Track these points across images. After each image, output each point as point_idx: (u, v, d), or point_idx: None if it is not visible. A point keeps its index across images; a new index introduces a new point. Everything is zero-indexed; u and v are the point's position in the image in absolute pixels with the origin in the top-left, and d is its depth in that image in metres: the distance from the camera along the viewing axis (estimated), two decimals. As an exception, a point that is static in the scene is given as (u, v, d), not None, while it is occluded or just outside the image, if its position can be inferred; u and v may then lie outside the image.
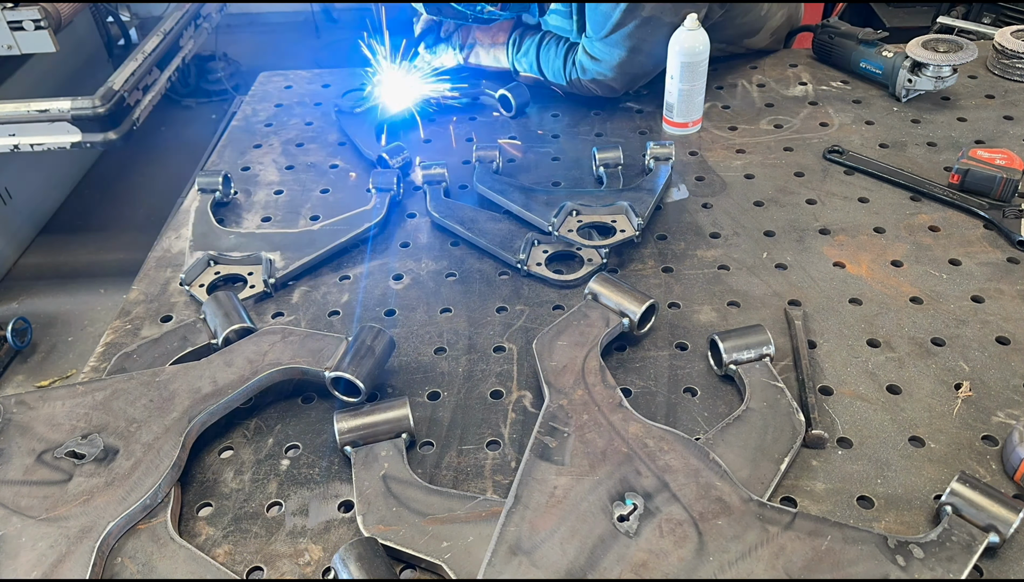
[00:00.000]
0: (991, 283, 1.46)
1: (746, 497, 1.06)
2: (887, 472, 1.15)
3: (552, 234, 1.57)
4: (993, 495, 1.02)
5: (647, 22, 1.83)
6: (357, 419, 1.18)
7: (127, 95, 3.20)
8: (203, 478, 1.21)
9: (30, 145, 3.15)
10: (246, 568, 1.08)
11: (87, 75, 4.26)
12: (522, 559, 1.00)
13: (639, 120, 2.01)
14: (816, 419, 1.20)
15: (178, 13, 3.78)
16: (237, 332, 1.33)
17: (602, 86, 1.97)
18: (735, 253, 1.57)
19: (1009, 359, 1.31)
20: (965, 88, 2.02)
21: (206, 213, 1.70)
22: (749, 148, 1.87)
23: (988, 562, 1.02)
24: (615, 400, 1.20)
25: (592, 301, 1.36)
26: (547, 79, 2.06)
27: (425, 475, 1.18)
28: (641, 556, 1.00)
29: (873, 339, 1.36)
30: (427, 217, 1.70)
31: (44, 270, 3.97)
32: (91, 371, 1.38)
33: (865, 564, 0.98)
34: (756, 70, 2.17)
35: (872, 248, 1.56)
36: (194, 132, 4.98)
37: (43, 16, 3.05)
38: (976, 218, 1.61)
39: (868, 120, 1.94)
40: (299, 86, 2.27)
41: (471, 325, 1.45)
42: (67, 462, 1.14)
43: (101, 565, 1.04)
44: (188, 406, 1.21)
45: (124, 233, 4.18)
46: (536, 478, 1.09)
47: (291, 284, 1.56)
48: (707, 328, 1.40)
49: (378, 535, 1.06)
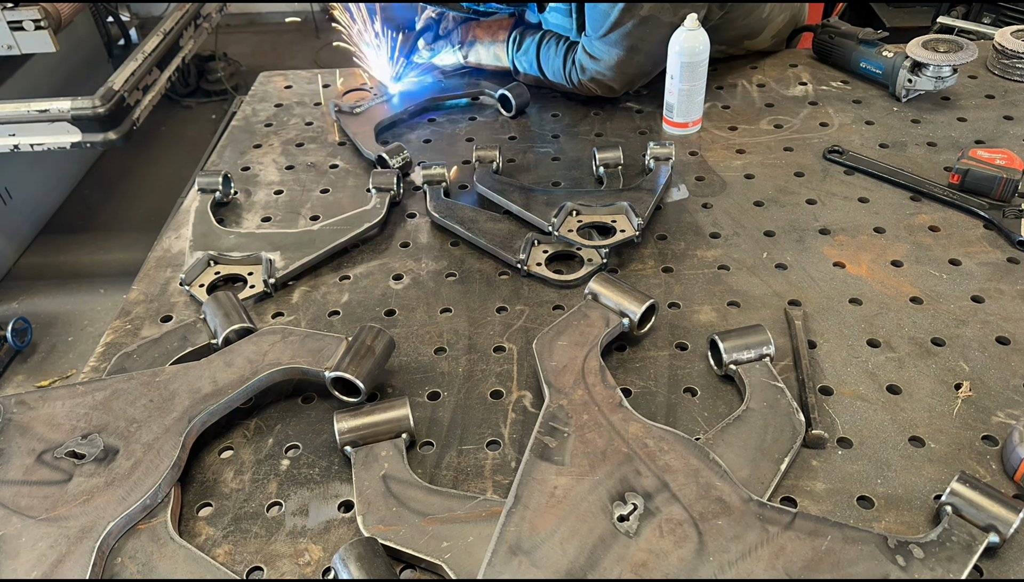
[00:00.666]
0: (991, 283, 1.46)
1: (746, 497, 1.06)
2: (887, 472, 1.15)
3: (552, 234, 1.57)
4: (993, 495, 1.02)
5: (645, 21, 1.83)
6: (357, 419, 1.18)
7: (127, 95, 3.21)
8: (203, 478, 1.21)
9: (30, 145, 3.16)
10: (246, 568, 1.08)
11: (87, 75, 4.26)
12: (522, 559, 1.00)
13: (639, 120, 2.01)
14: (816, 419, 1.20)
15: (178, 13, 3.78)
16: (237, 332, 1.33)
17: (601, 86, 1.97)
18: (735, 253, 1.57)
19: (1009, 359, 1.31)
20: (965, 88, 2.02)
21: (206, 213, 1.70)
22: (749, 148, 1.87)
23: (988, 562, 1.02)
24: (615, 400, 1.20)
25: (592, 301, 1.36)
26: (547, 78, 2.05)
27: (425, 475, 1.18)
28: (641, 556, 1.00)
29: (873, 339, 1.36)
30: (427, 217, 1.71)
31: (44, 270, 3.97)
32: (91, 371, 1.38)
33: (865, 564, 0.98)
34: (756, 70, 2.17)
35: (872, 248, 1.56)
36: (194, 132, 4.98)
37: (43, 16, 3.05)
38: (976, 218, 1.61)
39: (868, 120, 1.94)
40: (299, 86, 2.27)
41: (471, 325, 1.45)
42: (67, 462, 1.14)
43: (101, 565, 1.04)
44: (188, 406, 1.21)
45: (124, 233, 4.18)
46: (536, 478, 1.09)
47: (291, 284, 1.57)
48: (707, 328, 1.40)
49: (378, 535, 1.06)
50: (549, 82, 2.07)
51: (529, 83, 2.10)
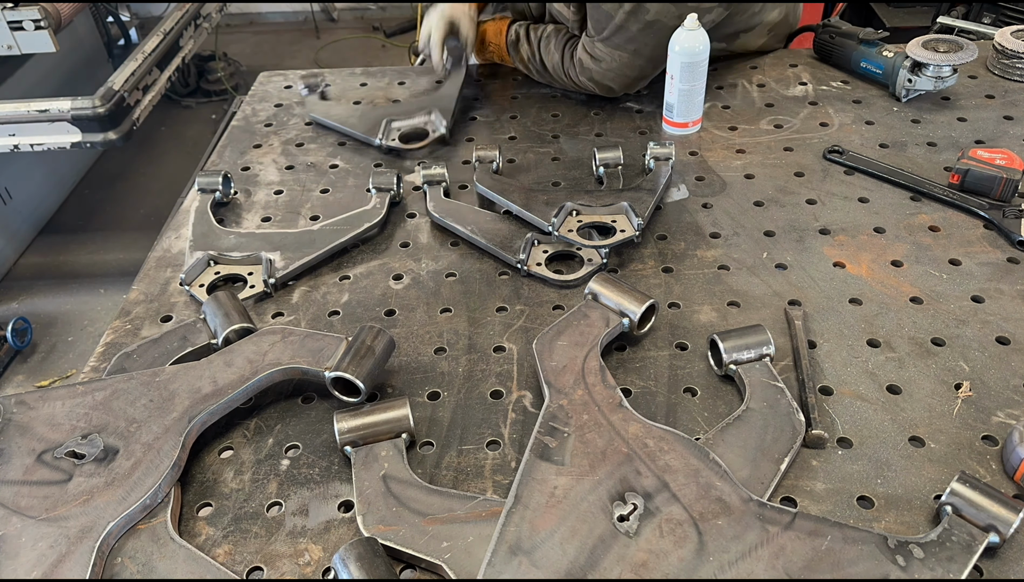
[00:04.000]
0: (991, 283, 1.46)
1: (746, 497, 1.06)
2: (887, 472, 1.15)
3: (552, 234, 1.57)
4: (993, 495, 1.02)
5: (651, 26, 1.81)
6: (357, 419, 1.19)
7: (127, 95, 3.21)
8: (203, 478, 1.21)
9: (30, 145, 3.16)
10: (246, 568, 1.08)
11: (87, 75, 4.27)
12: (522, 559, 1.00)
13: (639, 120, 2.01)
14: (816, 419, 1.20)
15: (178, 13, 3.78)
16: (237, 332, 1.33)
17: (600, 86, 1.97)
18: (735, 253, 1.57)
19: (1009, 359, 1.31)
20: (965, 88, 2.02)
21: (206, 213, 1.70)
22: (749, 148, 1.87)
23: (988, 562, 1.02)
24: (615, 400, 1.20)
25: (592, 301, 1.36)
26: (547, 72, 2.05)
27: (425, 475, 1.18)
28: (641, 556, 1.00)
29: (873, 339, 1.36)
30: (427, 217, 1.71)
31: (44, 270, 3.97)
32: (91, 371, 1.38)
33: (865, 564, 0.98)
34: (756, 70, 2.17)
35: (872, 248, 1.56)
36: (194, 132, 4.98)
37: (43, 16, 3.05)
38: (976, 218, 1.61)
39: (868, 120, 1.94)
40: (299, 86, 2.26)
41: (471, 325, 1.45)
42: (67, 462, 1.14)
43: (101, 565, 1.04)
44: (188, 406, 1.21)
45: (124, 233, 4.18)
46: (536, 478, 1.09)
47: (291, 284, 1.57)
48: (707, 328, 1.40)
49: (378, 535, 1.06)
50: (549, 76, 2.06)
51: (532, 77, 2.10)
